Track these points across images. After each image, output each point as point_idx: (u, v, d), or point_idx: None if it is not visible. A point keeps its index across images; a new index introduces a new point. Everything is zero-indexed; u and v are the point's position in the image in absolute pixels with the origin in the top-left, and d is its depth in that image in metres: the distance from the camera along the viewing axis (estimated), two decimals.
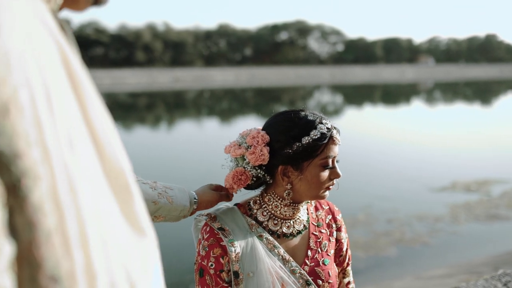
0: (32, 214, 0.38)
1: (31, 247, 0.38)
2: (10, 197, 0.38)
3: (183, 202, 1.32)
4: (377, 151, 11.84)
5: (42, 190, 0.39)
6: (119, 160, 0.50)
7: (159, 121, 22.20)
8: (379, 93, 40.18)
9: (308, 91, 43.15)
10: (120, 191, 0.49)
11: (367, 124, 18.49)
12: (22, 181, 0.38)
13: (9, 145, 0.37)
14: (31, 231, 0.38)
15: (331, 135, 1.31)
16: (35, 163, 0.38)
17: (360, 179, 8.71)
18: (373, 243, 5.71)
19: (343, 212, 1.56)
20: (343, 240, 1.47)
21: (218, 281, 1.29)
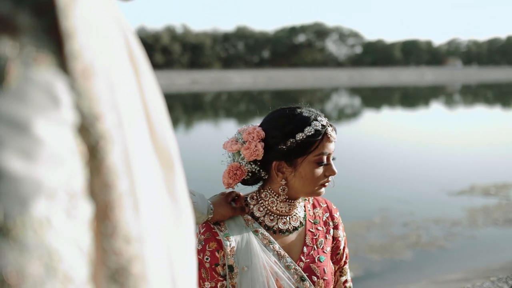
0: (108, 177, 0.40)
1: (106, 209, 0.40)
2: (90, 158, 0.40)
3: (202, 210, 1.33)
4: (394, 154, 11.76)
5: (116, 154, 0.41)
6: (167, 140, 0.52)
7: (177, 123, 22.35)
8: (397, 96, 39.84)
9: (326, 94, 42.99)
10: (166, 168, 0.52)
11: (385, 126, 18.36)
12: (100, 143, 0.40)
13: (89, 107, 0.39)
14: (106, 193, 0.40)
15: (325, 132, 1.32)
16: (110, 127, 0.40)
17: (376, 182, 8.68)
18: (388, 246, 5.69)
19: (358, 214, 1.59)
20: (340, 238, 1.47)
21: (213, 274, 1.31)
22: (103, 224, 0.41)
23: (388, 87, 52.04)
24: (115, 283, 0.41)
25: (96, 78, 0.40)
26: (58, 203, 0.36)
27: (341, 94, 43.35)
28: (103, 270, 0.41)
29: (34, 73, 0.36)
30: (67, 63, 0.38)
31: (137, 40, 0.52)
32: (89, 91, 0.39)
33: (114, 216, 0.41)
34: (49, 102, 0.36)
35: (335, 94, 43.17)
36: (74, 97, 0.38)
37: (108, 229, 0.41)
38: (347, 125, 19.77)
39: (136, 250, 0.42)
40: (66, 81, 0.38)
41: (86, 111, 0.39)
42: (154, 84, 0.53)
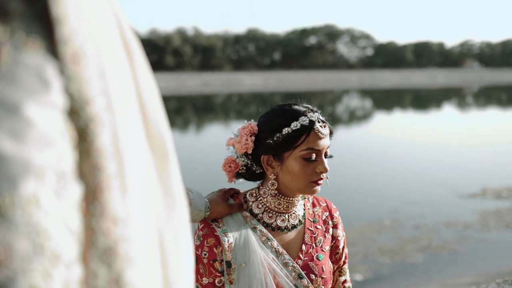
0: (97, 159, 0.41)
1: (95, 190, 0.41)
2: (79, 141, 0.41)
3: (200, 207, 1.35)
4: (406, 156, 11.70)
5: (106, 137, 0.42)
6: (161, 130, 0.53)
7: (188, 124, 22.45)
8: (409, 98, 39.62)
9: (337, 96, 42.88)
10: (159, 157, 0.53)
11: (396, 129, 18.27)
12: (90, 126, 0.41)
13: (79, 90, 0.40)
14: (96, 175, 0.41)
15: (312, 128, 1.32)
16: (100, 110, 0.41)
17: (387, 184, 8.64)
18: (399, 249, 5.65)
19: (369, 217, 1.59)
20: (340, 238, 1.48)
21: (211, 270, 1.33)
22: (92, 205, 0.42)
23: (399, 89, 51.77)
24: (103, 264, 0.42)
25: (86, 63, 0.41)
26: (47, 183, 0.37)
27: (352, 96, 43.21)
28: (92, 250, 0.42)
29: (24, 57, 0.37)
30: (57, 48, 0.39)
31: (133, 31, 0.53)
32: (79, 76, 0.40)
33: (103, 197, 0.42)
34: (39, 85, 0.37)
35: (346, 96, 43.04)
36: (64, 81, 0.39)
37: (97, 210, 0.42)
38: (358, 128, 19.71)
39: (122, 231, 0.43)
40: (56, 66, 0.39)
41: (76, 94, 0.40)
42: (149, 75, 0.54)
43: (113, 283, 0.43)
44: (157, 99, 0.55)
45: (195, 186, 1.50)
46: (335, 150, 1.48)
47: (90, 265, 0.42)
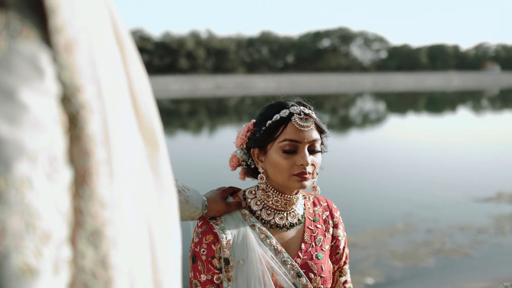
0: (87, 144, 0.43)
1: (85, 175, 0.43)
2: (70, 127, 0.43)
3: (197, 204, 1.37)
4: (419, 159, 11.60)
5: (96, 123, 0.44)
6: (152, 120, 0.55)
7: (201, 127, 22.53)
8: (423, 101, 39.33)
9: (350, 99, 42.72)
10: (150, 145, 0.55)
11: (410, 132, 18.14)
12: (80, 113, 0.42)
13: (71, 78, 0.42)
14: (85, 160, 0.43)
15: (290, 119, 1.34)
16: (91, 98, 0.43)
17: (401, 187, 8.58)
18: (411, 253, 5.61)
19: (381, 220, 1.59)
20: (340, 238, 1.48)
21: (210, 267, 1.33)
22: (81, 188, 0.43)
23: (413, 92, 51.42)
24: (90, 245, 0.43)
25: (78, 52, 0.42)
26: (39, 166, 0.38)
27: (366, 99, 43.01)
28: (80, 232, 0.43)
29: (19, 46, 0.38)
30: (51, 37, 0.40)
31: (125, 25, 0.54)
32: (71, 64, 0.42)
33: (92, 181, 0.43)
34: (33, 73, 0.39)
35: (359, 99, 42.86)
36: (56, 69, 0.41)
37: (86, 193, 0.43)
38: (371, 131, 19.61)
39: (109, 215, 0.45)
40: (50, 54, 0.40)
41: (68, 82, 0.41)
42: (141, 68, 0.55)
43: (99, 264, 0.44)
44: (149, 92, 0.56)
45: (208, 189, 1.52)
46: (348, 153, 1.49)
47: (78, 245, 0.43)
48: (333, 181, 8.77)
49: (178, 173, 1.80)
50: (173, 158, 1.72)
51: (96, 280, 0.44)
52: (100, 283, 0.44)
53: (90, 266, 0.44)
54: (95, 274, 0.44)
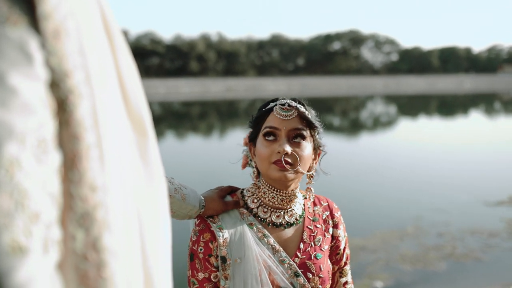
0: (76, 129, 0.44)
1: (74, 159, 0.44)
2: (59, 111, 0.43)
3: (194, 202, 1.38)
4: (431, 162, 11.53)
5: (84, 108, 0.45)
6: (141, 109, 0.56)
7: (212, 130, 22.58)
8: (434, 104, 39.07)
9: (361, 102, 42.56)
10: (139, 133, 0.56)
11: (421, 135, 18.03)
12: (69, 98, 0.43)
13: (59, 64, 0.43)
14: (74, 144, 0.44)
15: (272, 109, 1.39)
16: (79, 83, 0.44)
17: (411, 191, 8.53)
18: (421, 256, 5.58)
19: (391, 223, 1.58)
20: (341, 238, 1.47)
21: (207, 265, 1.34)
22: (71, 172, 0.44)
23: (425, 95, 51.11)
24: (81, 227, 0.44)
25: (66, 39, 0.43)
26: (28, 148, 0.39)
27: (377, 102, 42.82)
28: (70, 214, 0.44)
29: (8, 31, 0.39)
30: (39, 24, 0.41)
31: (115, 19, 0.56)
32: (59, 50, 0.42)
33: (81, 165, 0.44)
34: (22, 58, 0.40)
35: (370, 102, 42.69)
36: (45, 54, 0.42)
37: (75, 177, 0.44)
38: (382, 134, 19.52)
39: (100, 198, 0.45)
40: (38, 40, 0.41)
41: (56, 67, 0.42)
42: (130, 60, 0.57)
43: (90, 246, 0.44)
44: (138, 83, 0.57)
45: None
46: (359, 156, 1.50)
47: (68, 228, 0.44)
48: (343, 184, 8.75)
49: (189, 175, 1.81)
50: (183, 160, 1.73)
51: (87, 262, 0.44)
52: (92, 265, 0.44)
53: (81, 249, 0.44)
54: (86, 257, 0.44)
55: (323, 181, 1.52)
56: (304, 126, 1.36)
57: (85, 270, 0.44)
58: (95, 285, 0.45)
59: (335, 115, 27.15)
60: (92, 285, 0.45)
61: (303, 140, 1.36)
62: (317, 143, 1.43)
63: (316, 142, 1.43)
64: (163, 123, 24.14)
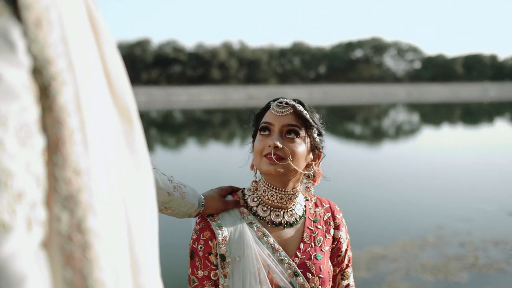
0: (59, 114, 0.45)
1: (58, 143, 0.45)
2: (42, 97, 0.45)
3: (193, 201, 1.40)
4: (453, 171, 11.37)
5: (67, 94, 0.46)
6: (126, 98, 0.58)
7: (233, 137, 22.68)
8: (458, 112, 38.52)
9: (383, 110, 42.23)
10: (125, 122, 0.57)
11: (445, 143, 17.79)
12: (52, 84, 0.45)
13: (42, 52, 0.44)
14: (58, 129, 0.45)
15: (269, 106, 1.45)
16: (62, 70, 0.46)
17: (433, 199, 8.42)
18: (443, 266, 5.51)
19: (412, 232, 1.58)
20: (342, 240, 1.47)
21: (206, 263, 1.35)
22: (55, 155, 0.45)
23: (448, 103, 50.43)
24: (65, 209, 0.45)
25: (48, 28, 0.45)
26: (11, 131, 0.41)
27: (399, 110, 42.44)
28: (55, 196, 0.45)
29: None
30: (21, 13, 0.43)
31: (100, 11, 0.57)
32: (41, 38, 0.44)
33: (65, 149, 0.46)
34: (5, 46, 0.41)
35: (392, 110, 42.32)
36: (27, 42, 0.43)
37: (59, 160, 0.45)
38: (404, 142, 19.34)
39: (84, 182, 0.46)
40: (20, 29, 0.42)
41: (39, 55, 0.44)
42: (115, 51, 0.58)
43: (74, 227, 0.46)
44: (123, 75, 0.59)
45: None
46: (380, 164, 1.51)
47: (53, 209, 0.45)
48: (363, 192, 8.70)
49: (210, 182, 1.85)
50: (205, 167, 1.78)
51: (72, 243, 0.45)
52: (77, 246, 0.45)
53: (66, 230, 0.45)
54: (71, 238, 0.45)
55: (343, 189, 1.55)
56: (298, 124, 1.39)
57: (70, 251, 0.45)
58: (80, 265, 0.46)
59: (357, 123, 27.00)
60: (77, 265, 0.46)
61: (296, 136, 1.38)
62: (316, 143, 1.44)
63: (314, 142, 1.44)
64: (185, 130, 24.34)
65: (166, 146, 18.60)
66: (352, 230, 1.57)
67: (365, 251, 5.68)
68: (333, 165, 3.18)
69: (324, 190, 1.51)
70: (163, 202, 1.35)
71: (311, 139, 1.42)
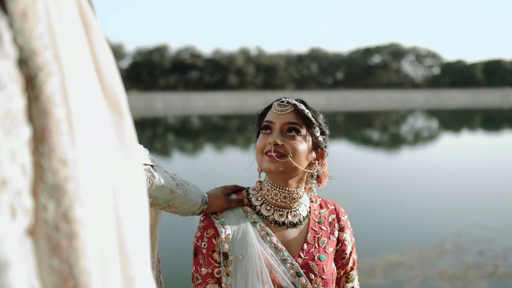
0: (46, 104, 0.46)
1: (44, 133, 0.46)
2: (28, 87, 0.45)
3: (196, 198, 1.40)
4: (473, 177, 11.21)
5: (54, 85, 0.47)
6: (116, 90, 0.58)
7: (250, 143, 22.67)
8: (478, 119, 38.00)
9: (401, 116, 41.88)
10: (115, 114, 0.58)
11: (464, 150, 17.56)
12: (38, 75, 0.46)
13: (28, 43, 0.45)
14: (44, 119, 0.46)
15: (271, 106, 1.45)
16: (48, 61, 0.46)
17: (451, 205, 8.31)
18: (461, 275, 5.42)
19: (429, 239, 1.56)
20: (347, 242, 1.47)
21: (210, 261, 1.36)
22: (41, 145, 0.46)
23: (468, 109, 49.80)
24: (51, 198, 0.46)
25: (35, 19, 0.45)
26: None
27: (418, 116, 42.03)
28: (41, 185, 0.46)
29: None
30: (7, 5, 0.43)
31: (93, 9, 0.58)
32: (27, 30, 0.45)
33: (51, 139, 0.46)
34: None
35: (411, 116, 41.95)
36: (12, 33, 0.44)
37: (46, 150, 0.46)
38: (423, 149, 19.14)
39: (71, 171, 0.47)
40: (6, 20, 0.43)
41: (25, 46, 0.45)
42: (106, 45, 0.59)
43: (61, 217, 0.46)
44: (114, 70, 0.59)
45: None
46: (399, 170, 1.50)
47: (40, 199, 0.46)
48: (381, 199, 8.63)
49: None
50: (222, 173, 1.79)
51: (59, 232, 0.46)
52: (63, 235, 0.46)
53: (52, 219, 0.46)
54: (57, 227, 0.46)
55: (361, 195, 1.55)
56: (299, 122, 1.39)
57: (57, 240, 0.46)
58: (66, 254, 0.46)
59: (374, 130, 26.80)
60: (63, 254, 0.46)
61: (297, 134, 1.38)
62: (318, 142, 1.43)
63: (316, 140, 1.43)
64: (202, 136, 24.45)
65: (184, 152, 18.71)
66: (369, 237, 1.56)
67: (381, 258, 5.62)
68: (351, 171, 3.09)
69: (343, 196, 1.52)
70: (166, 199, 1.35)
71: (313, 138, 1.42)
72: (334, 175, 1.56)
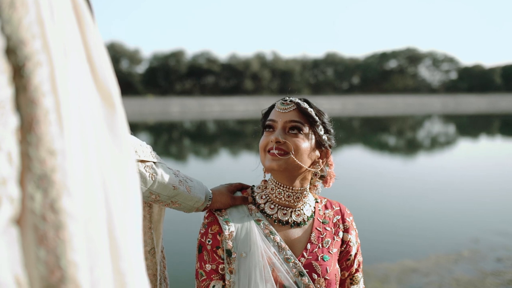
0: (33, 94, 0.46)
1: (32, 122, 0.45)
2: (16, 77, 0.45)
3: (199, 195, 1.40)
4: (490, 183, 11.07)
5: (42, 75, 0.46)
6: (109, 83, 0.58)
7: None
8: (497, 124, 37.50)
9: (418, 121, 41.52)
10: (107, 106, 0.57)
11: (482, 155, 17.35)
12: (26, 64, 0.45)
13: (16, 32, 0.45)
14: (32, 108, 0.46)
15: (274, 105, 1.46)
16: (37, 51, 0.46)
17: (468, 212, 8.22)
18: (478, 282, 5.36)
19: (446, 246, 1.55)
20: (351, 244, 1.46)
21: (214, 257, 1.36)
22: (29, 135, 0.45)
23: (486, 114, 49.17)
24: (39, 188, 0.45)
25: (23, 9, 0.45)
26: None
27: (434, 121, 41.63)
28: (28, 175, 0.45)
29: None
30: None
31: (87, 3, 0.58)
32: (15, 19, 0.44)
33: (39, 129, 0.46)
34: None
35: (427, 121, 41.56)
36: (0, 23, 0.44)
37: (33, 139, 0.45)
38: (440, 154, 18.95)
39: (59, 162, 0.46)
40: None
41: (13, 36, 0.44)
42: (99, 38, 0.59)
43: (48, 207, 0.46)
44: (106, 59, 0.59)
45: None
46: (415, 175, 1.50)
47: (27, 188, 0.45)
48: (397, 204, 8.57)
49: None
50: (238, 178, 1.82)
51: (45, 223, 0.45)
52: (50, 226, 0.45)
53: (39, 209, 0.45)
54: (44, 217, 0.45)
55: (377, 200, 1.56)
56: (302, 120, 1.39)
57: (44, 231, 0.45)
58: (53, 245, 0.46)
59: (390, 134, 26.61)
60: (50, 245, 0.46)
61: (300, 132, 1.39)
62: (322, 140, 1.43)
63: (320, 139, 1.43)
64: (218, 140, 24.54)
65: (199, 156, 18.80)
66: (384, 242, 1.56)
67: (396, 264, 5.59)
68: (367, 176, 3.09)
69: (358, 201, 1.53)
70: (169, 196, 1.36)
71: (316, 136, 1.42)
72: (350, 180, 1.57)
